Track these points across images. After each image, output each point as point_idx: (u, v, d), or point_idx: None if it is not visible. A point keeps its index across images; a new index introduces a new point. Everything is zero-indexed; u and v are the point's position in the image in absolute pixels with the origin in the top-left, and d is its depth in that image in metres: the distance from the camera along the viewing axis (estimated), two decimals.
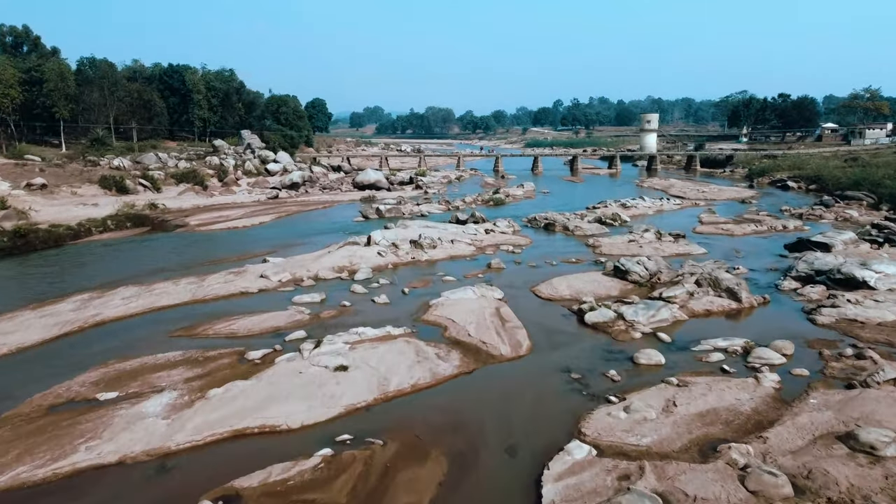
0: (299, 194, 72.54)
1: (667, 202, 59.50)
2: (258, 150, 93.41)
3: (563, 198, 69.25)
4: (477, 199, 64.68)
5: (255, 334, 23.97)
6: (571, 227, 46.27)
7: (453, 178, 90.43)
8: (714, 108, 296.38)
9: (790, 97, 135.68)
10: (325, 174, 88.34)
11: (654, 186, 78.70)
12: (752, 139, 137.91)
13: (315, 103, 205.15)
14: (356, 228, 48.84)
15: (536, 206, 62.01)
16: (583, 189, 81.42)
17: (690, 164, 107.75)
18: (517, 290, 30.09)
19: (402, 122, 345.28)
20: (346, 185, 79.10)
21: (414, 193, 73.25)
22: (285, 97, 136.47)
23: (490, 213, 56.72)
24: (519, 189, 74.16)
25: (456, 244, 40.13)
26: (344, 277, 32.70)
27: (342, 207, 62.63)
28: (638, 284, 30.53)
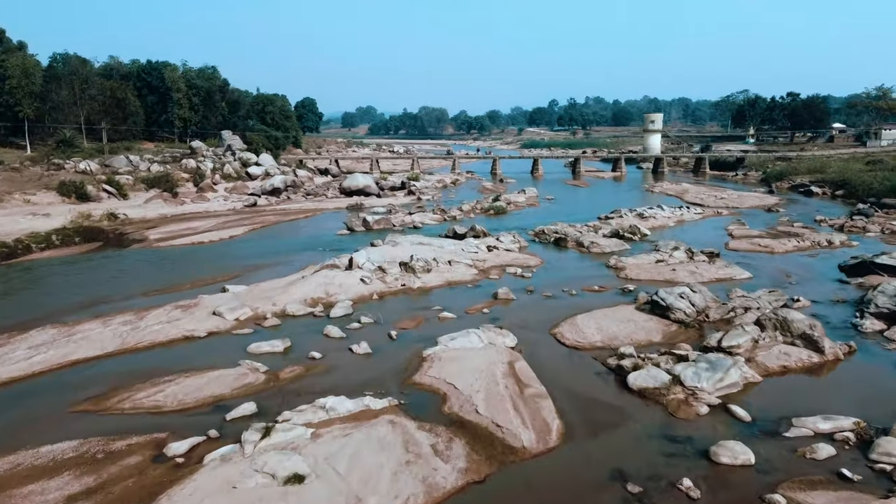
0: (280, 201, 66.25)
1: (687, 211, 53.51)
2: (239, 152, 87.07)
3: (569, 205, 63.19)
4: (475, 208, 58.54)
5: (189, 408, 17.77)
6: (586, 244, 40.15)
7: (448, 183, 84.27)
8: (713, 108, 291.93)
9: (799, 96, 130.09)
10: (310, 178, 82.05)
11: (667, 192, 72.72)
12: (759, 140, 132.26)
13: (305, 103, 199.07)
14: (339, 244, 42.64)
15: (542, 215, 55.94)
16: (589, 195, 75.39)
17: (699, 167, 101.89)
18: (533, 332, 23.94)
19: (395, 123, 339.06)
20: (332, 191, 72.83)
21: (406, 200, 67.06)
22: (272, 96, 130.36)
23: (491, 223, 50.59)
24: (520, 195, 68.05)
25: (454, 266, 33.97)
26: (318, 314, 26.49)
27: (326, 217, 56.37)
28: (683, 325, 24.44)
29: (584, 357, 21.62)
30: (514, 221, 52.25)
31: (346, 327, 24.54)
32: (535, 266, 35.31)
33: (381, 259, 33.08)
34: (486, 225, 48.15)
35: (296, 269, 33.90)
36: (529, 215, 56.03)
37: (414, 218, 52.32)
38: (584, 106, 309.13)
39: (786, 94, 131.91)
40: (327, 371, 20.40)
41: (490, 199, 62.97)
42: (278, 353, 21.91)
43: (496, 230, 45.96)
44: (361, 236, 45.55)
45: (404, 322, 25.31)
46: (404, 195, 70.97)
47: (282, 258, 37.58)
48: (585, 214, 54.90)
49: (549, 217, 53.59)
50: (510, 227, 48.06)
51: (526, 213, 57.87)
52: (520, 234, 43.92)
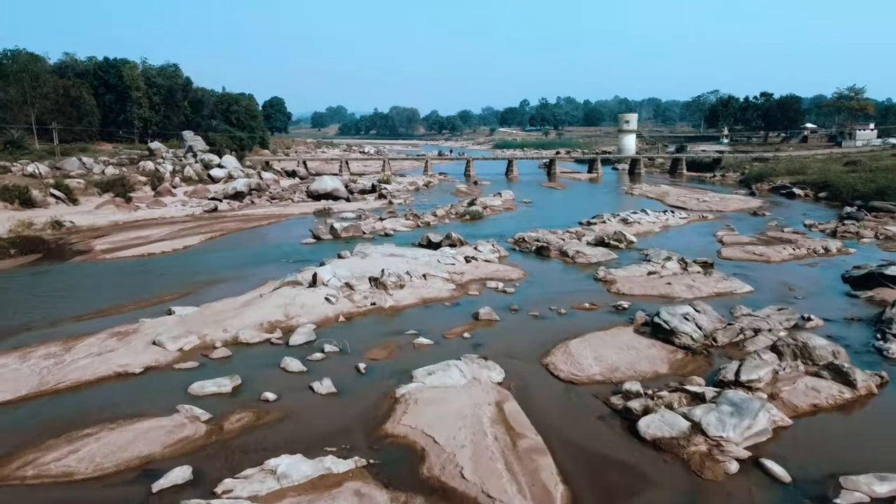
0: (243, 206, 62.50)
1: (672, 216, 51.05)
2: (201, 153, 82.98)
3: (547, 209, 60.49)
4: (450, 212, 55.50)
5: (108, 474, 14.42)
6: (571, 253, 37.30)
7: (421, 185, 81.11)
8: (683, 109, 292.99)
9: (772, 96, 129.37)
10: (276, 181, 78.29)
11: (647, 194, 70.45)
12: (733, 140, 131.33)
13: (273, 102, 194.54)
14: (304, 254, 39.30)
15: (520, 220, 53.13)
16: (566, 197, 72.81)
17: (676, 168, 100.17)
18: (522, 362, 20.97)
19: (365, 123, 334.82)
20: (299, 195, 69.22)
21: (377, 204, 63.77)
22: (237, 95, 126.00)
23: (467, 230, 47.60)
24: (497, 198, 65.19)
25: (430, 280, 30.87)
26: (275, 341, 23.20)
27: (291, 223, 52.85)
28: (690, 351, 21.66)
29: (583, 395, 18.67)
30: (491, 227, 49.32)
31: (308, 358, 21.31)
32: (517, 279, 32.36)
33: (349, 274, 29.85)
34: (462, 232, 45.18)
35: (254, 285, 30.51)
36: (507, 220, 53.16)
37: (385, 224, 49.11)
38: (556, 106, 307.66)
39: (759, 95, 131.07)
40: (282, 419, 17.16)
41: (465, 204, 59.97)
42: (225, 395, 18.60)
43: (473, 237, 43.01)
44: (328, 245, 42.25)
45: (374, 350, 22.15)
46: (375, 199, 67.68)
47: (239, 272, 34.09)
48: (565, 219, 52.25)
49: (527, 222, 50.79)
50: (488, 235, 45.14)
51: (503, 218, 54.98)
52: (499, 242, 41.00)
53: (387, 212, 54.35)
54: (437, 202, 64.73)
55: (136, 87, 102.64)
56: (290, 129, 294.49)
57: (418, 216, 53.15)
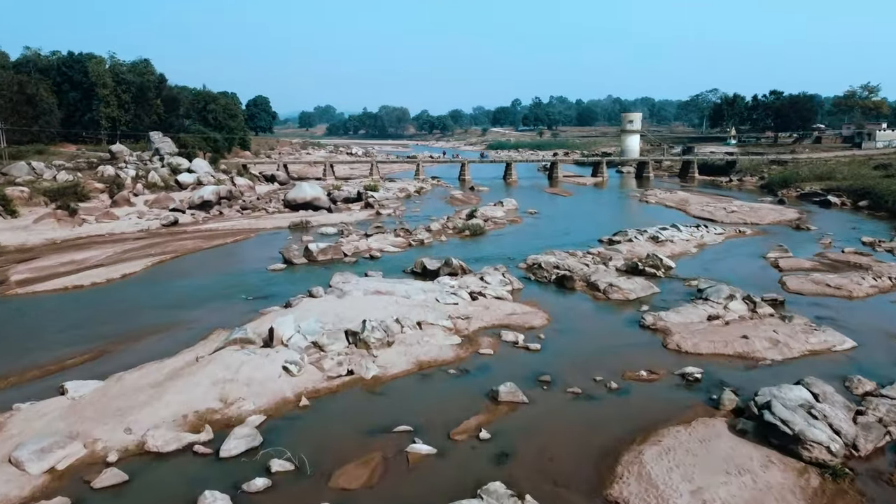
0: (210, 218, 54.71)
1: (706, 232, 43.68)
2: (168, 156, 75.05)
3: (557, 221, 53.02)
4: (446, 226, 48.00)
5: None
6: (602, 286, 29.83)
7: (412, 191, 73.49)
8: (678, 108, 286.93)
9: (783, 94, 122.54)
10: (251, 187, 70.45)
11: (665, 202, 63.16)
12: (741, 141, 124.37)
13: (257, 101, 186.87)
14: (269, 286, 31.70)
15: (528, 236, 45.73)
16: (575, 206, 65.38)
17: (687, 171, 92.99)
18: (576, 496, 13.51)
19: (354, 123, 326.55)
20: (275, 203, 61.52)
21: (363, 215, 56.12)
22: (214, 93, 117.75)
23: (468, 249, 40.24)
24: (498, 208, 57.71)
25: (427, 332, 23.34)
26: (201, 448, 15.55)
27: (262, 240, 45.11)
28: (826, 471, 14.25)
29: None
30: (496, 246, 41.84)
31: (243, 488, 13.76)
32: (541, 327, 24.86)
33: (318, 326, 22.22)
34: (462, 253, 37.87)
35: (192, 339, 22.93)
36: (513, 237, 45.67)
37: (371, 243, 41.49)
38: (549, 105, 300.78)
39: (769, 93, 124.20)
40: None
41: (464, 215, 52.48)
42: None
43: (477, 261, 35.63)
44: (301, 273, 34.65)
45: (349, 470, 14.58)
46: (360, 208, 60.03)
47: (179, 316, 26.43)
48: (582, 234, 44.95)
49: (538, 240, 43.45)
50: (493, 257, 37.75)
51: (508, 233, 47.45)
52: (508, 268, 33.61)
53: (373, 226, 46.67)
54: (431, 212, 57.25)
55: (102, 83, 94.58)
56: (276, 129, 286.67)
57: (410, 232, 45.61)
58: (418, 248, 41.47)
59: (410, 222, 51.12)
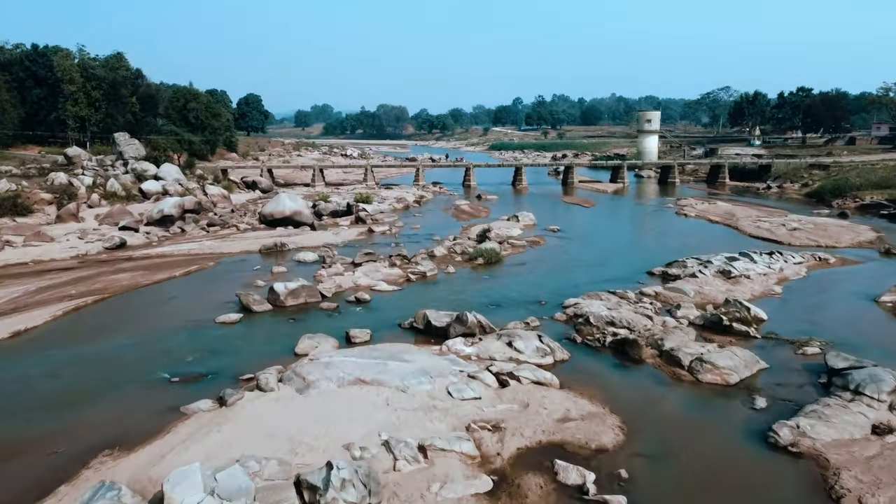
0: (168, 237, 45.49)
1: (783, 261, 34.40)
2: (134, 161, 65.83)
3: (589, 242, 43.74)
4: (453, 250, 38.86)
5: None
6: (684, 358, 20.58)
7: (411, 201, 64.24)
8: (684, 107, 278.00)
9: (811, 91, 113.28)
10: (225, 197, 61.19)
11: (706, 215, 53.96)
12: (765, 142, 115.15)
13: (249, 99, 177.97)
14: (207, 356, 22.39)
15: (557, 264, 36.56)
16: (602, 220, 56.07)
17: (716, 176, 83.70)
18: None
19: (351, 122, 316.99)
20: (249, 218, 52.32)
21: (352, 234, 46.85)
22: (195, 90, 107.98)
23: (483, 287, 31.16)
24: (513, 224, 48.55)
25: (435, 464, 14.16)
26: None
27: (219, 273, 35.76)
28: None
29: None
30: (519, 281, 32.63)
31: None
32: (614, 448, 15.62)
33: (245, 480, 12.92)
34: (477, 291, 29.11)
35: (47, 477, 13.78)
36: (539, 266, 36.41)
37: (358, 278, 32.27)
38: (553, 104, 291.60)
39: (796, 90, 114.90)
40: None
41: (473, 234, 43.40)
42: None
43: (497, 306, 26.82)
44: (261, 328, 25.50)
45: None
46: (350, 224, 50.77)
47: (49, 424, 17.16)
48: (623, 262, 35.95)
49: (571, 271, 34.43)
50: (519, 300, 28.69)
51: (531, 260, 38.18)
52: (541, 320, 24.64)
53: (363, 252, 37.35)
54: (434, 228, 48.10)
55: (69, 79, 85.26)
56: (272, 129, 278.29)
57: (408, 259, 36.45)
58: (419, 283, 32.29)
59: (409, 244, 41.98)
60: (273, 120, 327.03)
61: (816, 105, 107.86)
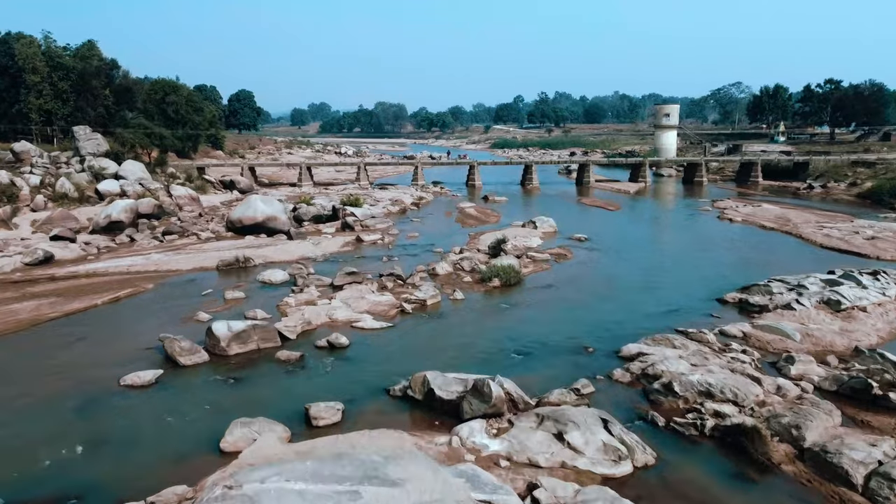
0: (110, 249, 37.34)
1: (889, 283, 26.26)
2: (92, 158, 57.71)
3: (626, 255, 35.46)
4: (459, 267, 30.76)
5: None
6: (854, 471, 12.53)
7: (408, 204, 56.07)
8: (690, 105, 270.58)
9: (841, 83, 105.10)
10: (194, 199, 52.96)
11: (756, 220, 45.80)
12: (790, 138, 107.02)
13: (240, 95, 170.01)
14: (85, 462, 14.33)
15: (595, 288, 28.36)
16: (634, 227, 47.81)
17: (748, 175, 75.47)
18: None
19: (348, 120, 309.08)
20: (216, 223, 44.20)
21: (335, 244, 38.64)
22: (176, 82, 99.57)
23: (503, 321, 23.07)
24: (530, 232, 40.48)
25: None
26: None
27: (156, 299, 27.35)
28: None
29: None
30: (548, 312, 24.48)
31: None
32: None
33: None
34: (495, 328, 21.02)
35: None
36: (571, 290, 28.22)
37: (335, 309, 24.12)
38: (556, 101, 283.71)
39: (824, 82, 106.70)
40: None
41: (484, 245, 35.31)
42: None
43: (526, 355, 18.66)
44: (181, 394, 17.38)
45: None
46: (335, 232, 42.64)
47: None
48: (682, 288, 27.82)
49: (611, 296, 26.42)
50: (553, 339, 20.74)
51: (560, 281, 29.95)
52: (593, 382, 16.62)
53: (345, 271, 29.06)
54: (435, 237, 40.01)
55: (31, 68, 77.11)
56: (268, 127, 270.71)
57: (402, 280, 28.36)
58: (417, 315, 24.17)
59: (405, 257, 33.93)
60: (269, 119, 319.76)
61: (848, 98, 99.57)
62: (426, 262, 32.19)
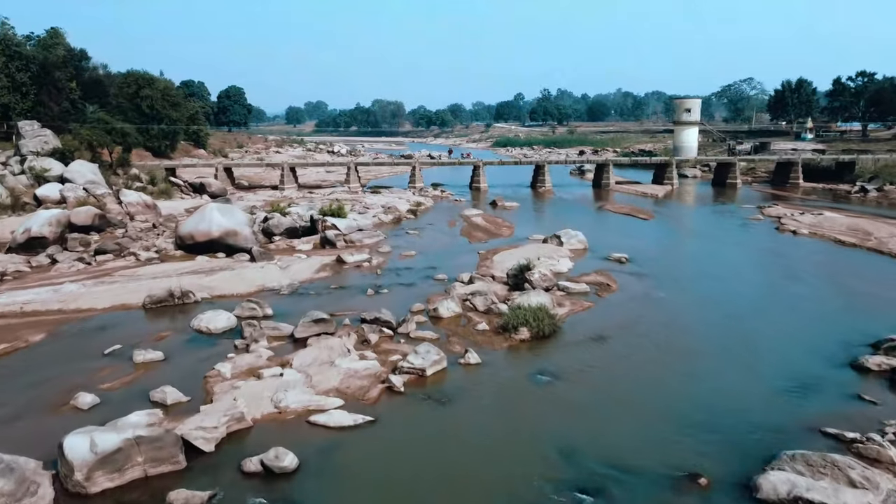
0: (20, 276, 29.00)
1: None
2: (34, 157, 49.43)
3: (685, 285, 27.18)
4: (470, 305, 22.49)
5: None
6: None
7: (404, 212, 47.71)
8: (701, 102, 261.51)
9: (875, 76, 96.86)
10: (148, 206, 44.54)
11: (824, 232, 37.56)
12: (818, 135, 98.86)
13: (230, 92, 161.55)
14: None
15: (660, 340, 20.03)
16: (678, 241, 39.61)
17: (786, 176, 67.11)
18: None
19: (345, 118, 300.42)
20: (164, 240, 35.84)
21: (309, 268, 30.24)
22: (151, 75, 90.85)
23: (538, 408, 14.67)
24: (554, 248, 32.21)
25: None
26: None
27: (31, 364, 19.01)
28: None
29: None
30: (610, 393, 16.26)
31: None
32: None
33: None
34: (530, 422, 12.41)
35: None
36: (631, 345, 19.86)
37: (288, 390, 15.78)
38: (559, 98, 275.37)
39: (855, 74, 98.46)
40: None
41: (501, 271, 27.07)
42: None
43: (596, 496, 10.15)
44: None
45: None
46: (312, 249, 34.35)
47: None
48: (781, 337, 19.57)
49: (697, 365, 18.11)
50: (625, 455, 12.25)
51: (608, 327, 21.57)
52: None
53: (312, 318, 20.65)
54: (436, 258, 31.74)
55: None
56: (263, 126, 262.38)
57: (393, 329, 20.12)
58: (411, 396, 15.90)
59: (397, 288, 25.72)
60: (265, 118, 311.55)
61: (885, 92, 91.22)
62: (425, 297, 23.98)
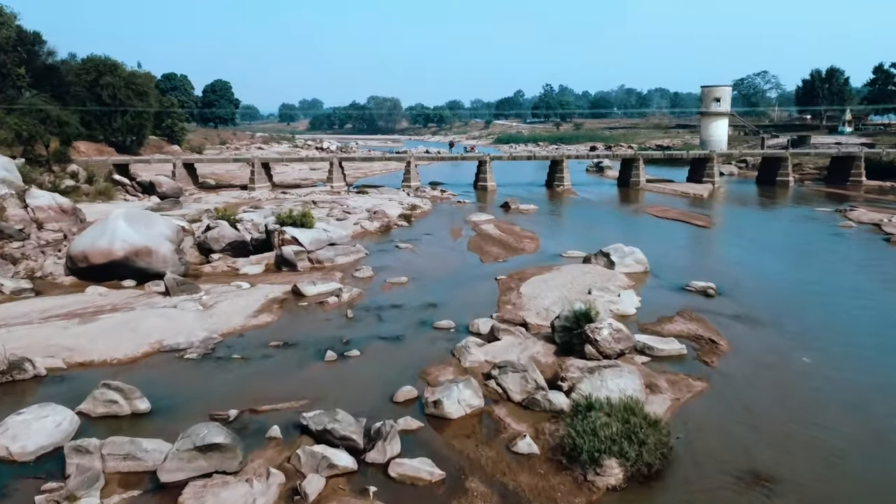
0: None
1: None
2: None
3: (814, 335, 17.43)
4: (501, 394, 12.80)
5: None
6: None
7: (395, 217, 37.64)
8: (700, 100, 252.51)
9: None
10: (64, 211, 34.59)
11: None
12: (857, 129, 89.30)
13: (216, 86, 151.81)
14: None
15: (837, 452, 10.37)
16: (757, 257, 29.77)
17: (845, 173, 57.31)
18: None
19: (339, 116, 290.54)
20: (53, 261, 25.92)
21: (248, 308, 20.37)
22: (114, 61, 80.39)
23: None
24: (607, 274, 22.46)
25: None
26: None
27: None
28: None
29: None
30: None
31: None
32: None
33: None
34: None
35: None
36: (798, 484, 10.25)
37: None
38: (562, 94, 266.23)
39: None
40: None
41: (539, 315, 17.26)
42: None
43: None
44: None
45: None
46: (262, 274, 24.47)
47: None
48: None
49: None
50: None
51: (746, 446, 11.95)
52: None
53: (198, 444, 10.92)
54: (435, 288, 21.96)
55: None
56: (256, 123, 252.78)
57: (358, 458, 10.29)
58: None
59: (376, 347, 15.88)
60: (258, 115, 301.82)
61: None
62: (418, 368, 14.23)
